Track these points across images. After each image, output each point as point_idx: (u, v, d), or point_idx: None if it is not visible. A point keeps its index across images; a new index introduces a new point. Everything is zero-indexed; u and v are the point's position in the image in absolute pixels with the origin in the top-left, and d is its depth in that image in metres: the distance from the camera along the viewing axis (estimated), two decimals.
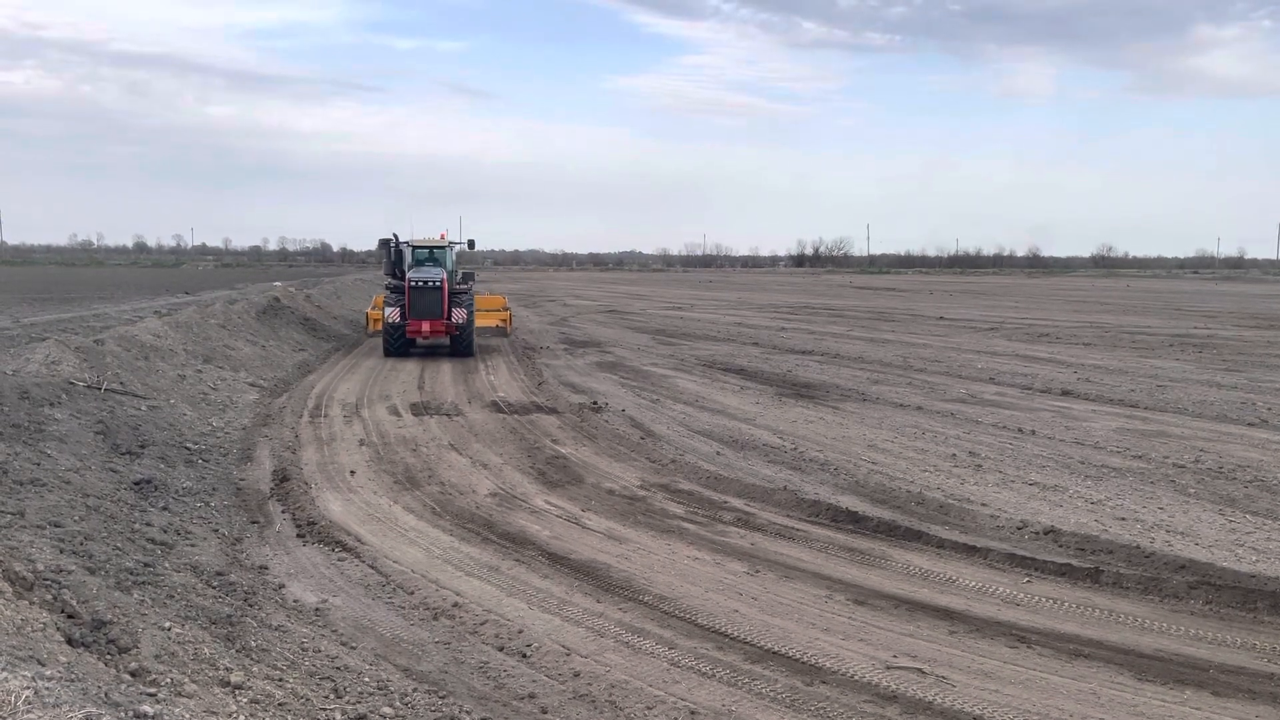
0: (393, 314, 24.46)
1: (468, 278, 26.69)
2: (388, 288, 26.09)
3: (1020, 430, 14.63)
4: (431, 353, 25.36)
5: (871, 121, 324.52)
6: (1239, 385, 19.49)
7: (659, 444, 13.82)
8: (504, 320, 30.23)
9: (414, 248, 26.53)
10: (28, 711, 3.76)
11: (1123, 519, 9.91)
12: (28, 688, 3.94)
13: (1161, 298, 60.04)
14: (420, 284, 24.41)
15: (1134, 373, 21.47)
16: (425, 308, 24.40)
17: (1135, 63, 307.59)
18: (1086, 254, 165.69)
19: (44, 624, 5.28)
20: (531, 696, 6.20)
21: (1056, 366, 22.70)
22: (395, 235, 26.57)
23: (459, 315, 24.56)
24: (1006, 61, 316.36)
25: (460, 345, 24.70)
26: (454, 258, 27.08)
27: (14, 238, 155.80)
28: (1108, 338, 30.41)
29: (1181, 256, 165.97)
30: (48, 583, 6.12)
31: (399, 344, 24.59)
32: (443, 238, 26.93)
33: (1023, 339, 30.23)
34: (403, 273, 25.64)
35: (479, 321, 26.82)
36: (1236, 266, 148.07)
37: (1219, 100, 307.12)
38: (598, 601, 7.88)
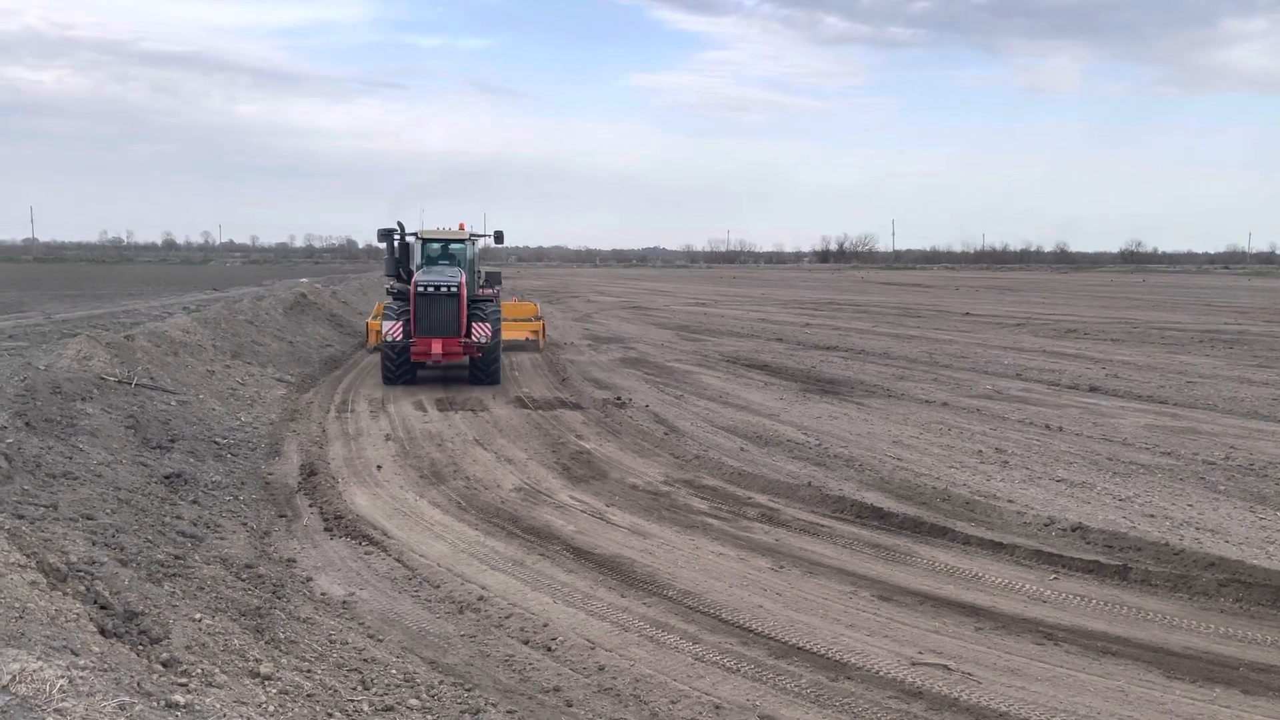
0: (393, 330, 18.75)
1: (493, 279, 21.28)
2: (390, 292, 20.70)
3: (1047, 427, 14.51)
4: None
5: (896, 117, 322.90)
6: (1270, 381, 19.24)
7: (683, 440, 13.82)
8: (535, 332, 25.78)
9: (424, 241, 21.00)
10: (63, 700, 3.82)
11: (1151, 516, 9.81)
12: (62, 677, 4.01)
13: (1191, 293, 59.33)
14: (430, 289, 18.72)
15: (1163, 369, 21.24)
16: (436, 321, 18.67)
17: (1162, 56, 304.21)
18: (1115, 249, 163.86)
19: (77, 615, 5.36)
20: (556, 690, 6.23)
21: (1084, 362, 22.49)
22: (401, 225, 20.61)
23: (481, 332, 18.84)
24: (1032, 56, 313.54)
25: (482, 371, 19.10)
26: (476, 254, 21.71)
27: (45, 235, 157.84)
28: (1136, 334, 30.10)
29: (1212, 252, 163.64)
30: (81, 574, 6.21)
31: (401, 370, 19.02)
32: (461, 228, 21.14)
33: (1050, 335, 29.97)
34: (410, 273, 20.26)
35: (505, 333, 21.49)
36: (1268, 262, 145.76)
37: (1248, 94, 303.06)
38: (622, 596, 7.90)
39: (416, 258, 20.90)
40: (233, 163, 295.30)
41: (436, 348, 18.56)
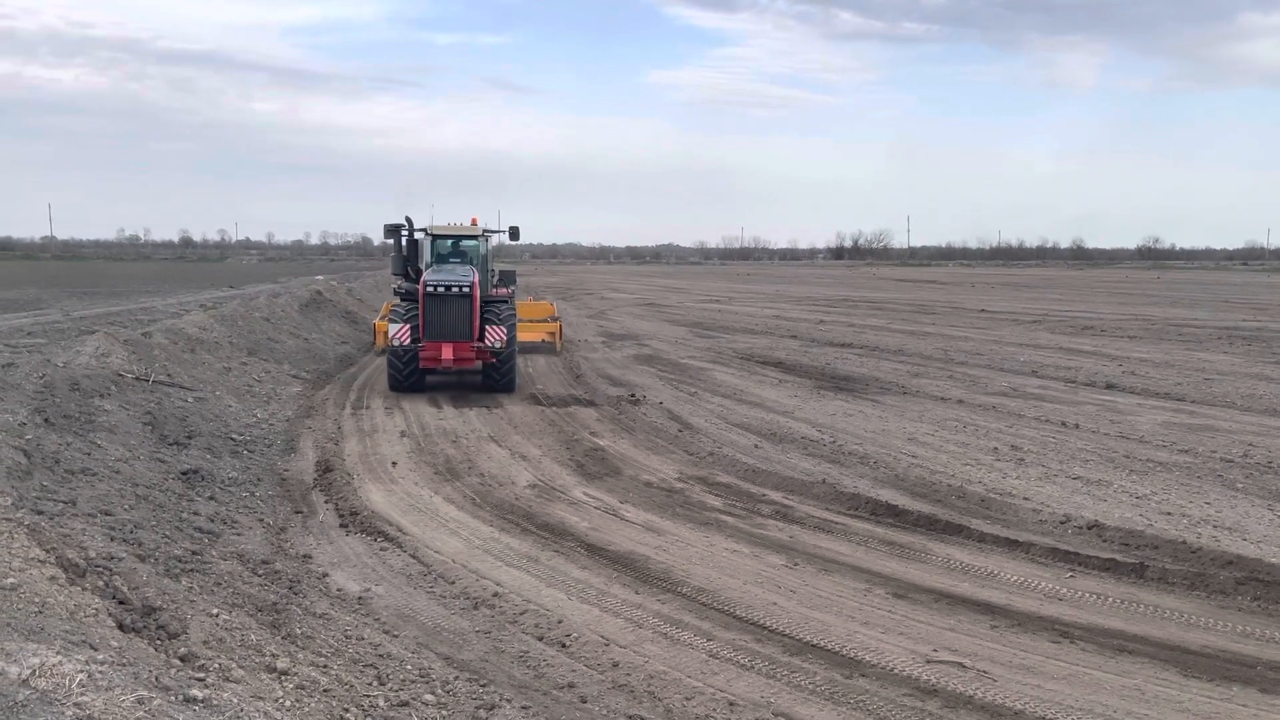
0: (401, 333, 17.44)
1: (507, 279, 19.80)
2: (397, 292, 19.48)
3: (1064, 424, 14.44)
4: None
5: (911, 112, 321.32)
6: None
7: (697, 437, 13.82)
8: (552, 334, 24.67)
9: (434, 237, 19.60)
10: (82, 694, 3.86)
11: (1168, 514, 9.75)
12: (81, 671, 4.04)
13: (1209, 290, 58.90)
14: (440, 290, 17.43)
15: (1181, 366, 21.10)
16: (446, 324, 17.42)
17: (1180, 51, 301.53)
18: (1132, 245, 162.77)
19: (96, 609, 5.41)
20: (571, 686, 6.24)
21: (1101, 360, 22.37)
22: (409, 220, 19.28)
23: (495, 335, 17.46)
24: (1048, 51, 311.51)
25: (497, 378, 17.87)
26: (489, 251, 20.29)
27: (64, 233, 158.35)
28: (1154, 330, 29.91)
29: (1230, 248, 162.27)
30: (99, 569, 6.26)
31: (409, 376, 17.66)
32: (474, 224, 19.86)
33: (1066, 332, 29.81)
34: (418, 272, 18.97)
35: (520, 335, 20.12)
36: None
37: (1268, 88, 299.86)
38: (636, 593, 7.91)
39: (426, 255, 19.51)
40: (249, 160, 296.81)
41: (447, 353, 17.33)
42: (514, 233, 19.93)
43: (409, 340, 17.39)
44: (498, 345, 17.46)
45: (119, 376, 13.54)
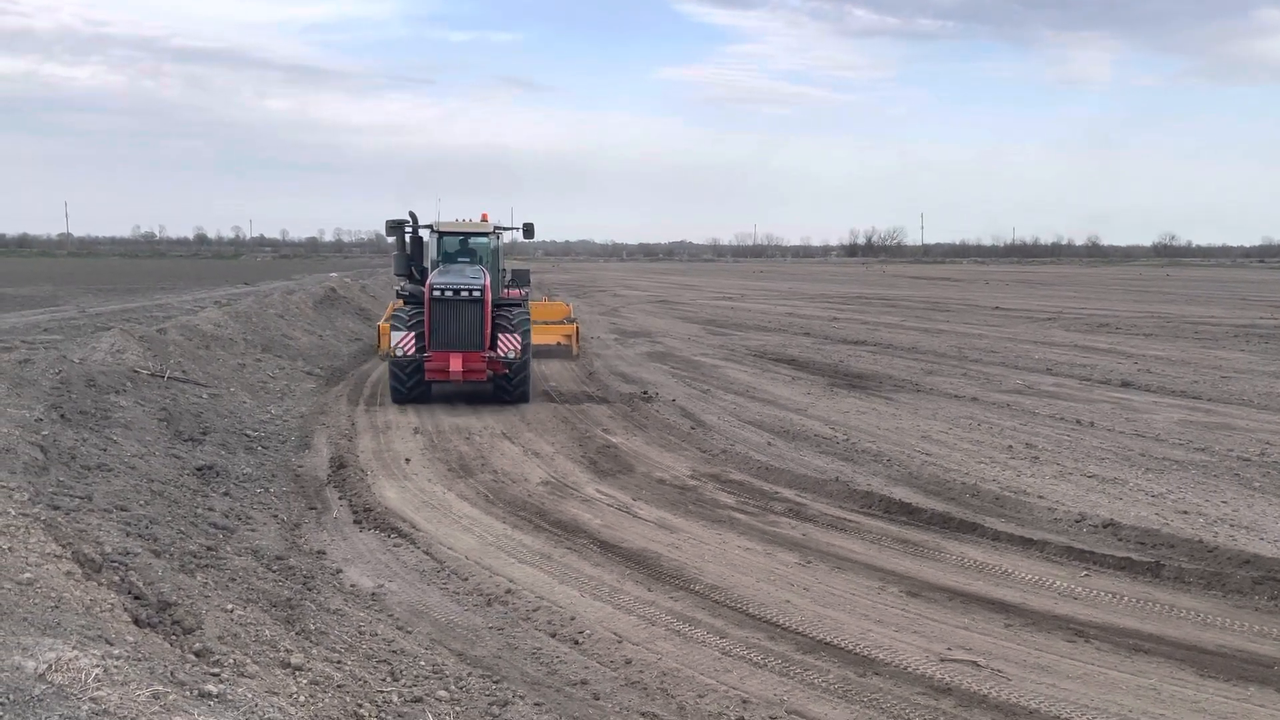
0: (405, 342, 15.85)
1: (520, 279, 18.53)
2: (400, 294, 18.17)
3: (1079, 422, 14.36)
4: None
5: (924, 109, 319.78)
6: None
7: (710, 434, 13.80)
8: (569, 336, 22.88)
9: (441, 234, 17.92)
10: (98, 689, 3.87)
11: (1185, 513, 9.69)
12: (97, 666, 4.06)
13: (1226, 287, 58.45)
14: (448, 294, 15.99)
15: (1197, 364, 20.96)
16: (454, 332, 15.98)
17: (1196, 47, 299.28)
18: (1148, 243, 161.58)
19: (112, 604, 5.44)
20: (583, 683, 6.24)
21: (1116, 357, 22.24)
22: (413, 215, 17.83)
23: (509, 345, 15.97)
24: (1063, 47, 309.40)
25: (509, 390, 16.31)
26: (500, 248, 18.65)
27: (80, 230, 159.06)
28: (1169, 328, 29.71)
29: (1247, 245, 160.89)
30: (115, 564, 6.30)
31: (413, 388, 16.25)
32: (484, 219, 18.40)
33: (1081, 329, 29.65)
34: (423, 272, 17.49)
35: (534, 337, 18.30)
36: None
37: None
38: (649, 590, 7.91)
39: (432, 254, 17.81)
40: (263, 158, 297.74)
41: (455, 364, 15.84)
42: (528, 230, 18.65)
43: (414, 350, 15.92)
44: (511, 356, 16.01)
45: (134, 373, 13.62)
